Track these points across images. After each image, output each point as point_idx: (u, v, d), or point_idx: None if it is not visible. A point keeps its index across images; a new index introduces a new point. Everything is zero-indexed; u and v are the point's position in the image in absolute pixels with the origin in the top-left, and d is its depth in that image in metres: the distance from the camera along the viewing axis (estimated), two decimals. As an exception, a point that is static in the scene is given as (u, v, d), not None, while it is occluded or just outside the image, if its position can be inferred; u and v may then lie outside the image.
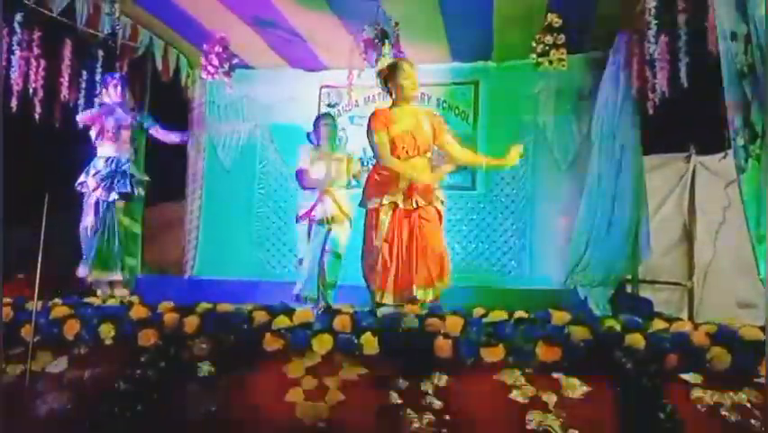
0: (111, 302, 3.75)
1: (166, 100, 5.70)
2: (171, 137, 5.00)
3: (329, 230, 4.80)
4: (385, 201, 3.82)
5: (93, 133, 4.79)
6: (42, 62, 4.98)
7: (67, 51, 5.17)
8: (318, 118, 5.23)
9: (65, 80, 5.14)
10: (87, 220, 4.53)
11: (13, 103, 4.77)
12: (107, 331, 3.25)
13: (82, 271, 4.48)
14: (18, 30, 4.71)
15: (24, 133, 4.47)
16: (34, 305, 3.04)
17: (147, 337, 3.18)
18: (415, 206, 3.83)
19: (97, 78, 5.34)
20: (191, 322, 3.21)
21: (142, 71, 6.03)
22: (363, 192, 3.97)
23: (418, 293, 3.71)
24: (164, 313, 3.32)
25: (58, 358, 3.18)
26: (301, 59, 6.54)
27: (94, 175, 4.55)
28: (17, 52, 4.75)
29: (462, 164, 4.76)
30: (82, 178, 4.60)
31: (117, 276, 4.46)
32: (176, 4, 5.39)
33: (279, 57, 6.52)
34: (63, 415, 2.92)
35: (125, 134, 4.81)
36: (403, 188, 3.82)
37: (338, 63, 6.05)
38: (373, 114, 3.99)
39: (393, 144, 3.85)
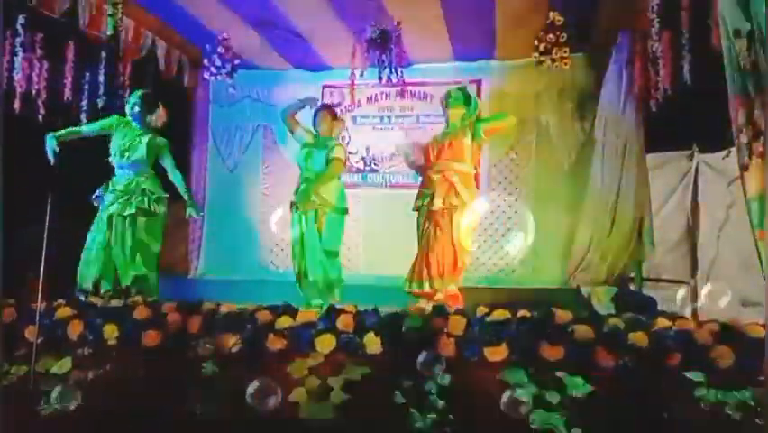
0: (114, 303, 3.75)
1: (169, 101, 5.69)
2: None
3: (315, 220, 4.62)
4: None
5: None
6: (45, 64, 4.99)
7: (69, 53, 5.18)
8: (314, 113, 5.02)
9: (68, 82, 5.15)
10: (98, 234, 4.54)
11: (16, 105, 4.78)
12: (111, 331, 3.26)
13: (86, 284, 4.44)
14: (21, 32, 4.72)
15: (27, 135, 4.48)
16: (38, 306, 3.05)
17: (151, 338, 3.19)
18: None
19: (100, 79, 5.35)
20: (194, 322, 3.22)
21: (145, 73, 6.04)
22: None
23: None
24: (168, 313, 3.32)
25: (61, 359, 3.18)
26: (303, 59, 6.55)
27: (112, 191, 4.55)
28: (20, 54, 4.76)
29: None
30: (99, 192, 4.62)
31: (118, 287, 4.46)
32: (178, 6, 5.40)
33: (282, 57, 6.53)
34: (67, 415, 2.92)
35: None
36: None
37: (340, 63, 6.05)
38: None
39: None
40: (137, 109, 4.69)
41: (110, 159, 4.66)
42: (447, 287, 4.45)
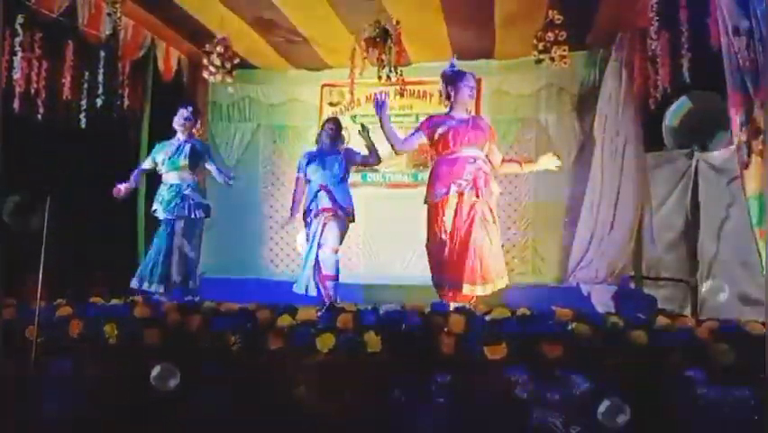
0: (115, 302, 3.76)
1: (168, 101, 5.69)
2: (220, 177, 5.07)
3: (324, 224, 4.69)
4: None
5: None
6: (44, 63, 4.99)
7: (68, 53, 5.18)
8: (325, 123, 5.05)
9: (66, 81, 5.15)
10: (154, 241, 4.78)
11: (15, 104, 4.78)
12: (111, 331, 3.25)
13: (134, 282, 4.69)
14: (19, 31, 4.72)
15: (26, 135, 4.48)
16: (38, 304, 3.05)
17: (151, 337, 3.19)
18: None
19: (99, 78, 5.35)
20: (195, 321, 3.22)
21: (144, 72, 6.04)
22: None
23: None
24: (168, 312, 3.32)
25: (62, 358, 3.18)
26: (303, 58, 6.55)
27: (160, 202, 4.71)
28: (19, 54, 4.76)
29: None
30: (154, 205, 4.81)
31: (160, 289, 4.61)
32: (177, 5, 5.40)
33: (281, 57, 6.53)
34: (67, 415, 2.92)
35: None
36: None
37: (340, 62, 6.05)
38: None
39: None
40: (186, 122, 4.82)
41: (158, 169, 4.81)
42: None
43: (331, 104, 6.81)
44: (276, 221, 6.81)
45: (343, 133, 5.09)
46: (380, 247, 6.43)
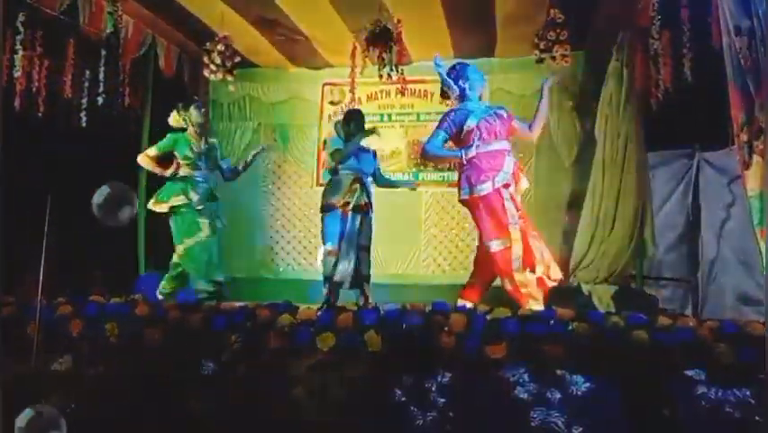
0: (115, 300, 3.76)
1: (168, 99, 5.69)
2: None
3: (361, 220, 4.69)
4: None
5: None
6: (45, 62, 4.99)
7: (69, 51, 5.18)
8: (350, 115, 4.92)
9: (67, 80, 5.15)
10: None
11: (16, 102, 4.78)
12: (112, 329, 3.25)
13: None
14: (20, 29, 4.72)
15: (27, 132, 4.48)
16: (38, 303, 3.05)
17: (151, 335, 3.19)
18: None
19: (100, 76, 5.35)
20: (195, 320, 3.22)
21: (145, 70, 6.04)
22: None
23: None
24: (168, 311, 3.32)
25: (63, 356, 3.18)
26: (303, 56, 6.55)
27: (197, 193, 4.72)
28: (20, 52, 4.76)
29: None
30: (179, 198, 4.74)
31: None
32: (178, 3, 5.40)
33: (282, 55, 6.53)
34: (67, 414, 2.92)
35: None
36: None
37: (340, 61, 6.05)
38: None
39: None
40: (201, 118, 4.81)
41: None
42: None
43: (332, 102, 6.81)
44: (277, 220, 6.82)
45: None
46: (381, 247, 6.42)
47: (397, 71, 5.40)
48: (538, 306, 3.71)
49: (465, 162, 4.08)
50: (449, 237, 6.44)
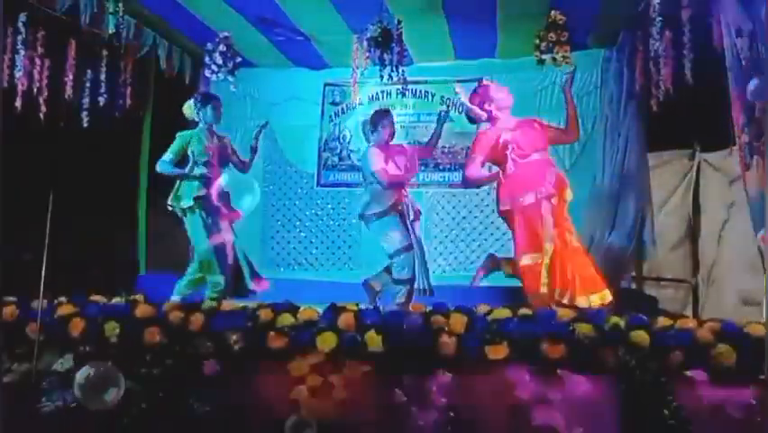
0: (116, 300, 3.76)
1: (170, 99, 5.69)
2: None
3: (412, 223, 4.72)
4: None
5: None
6: (46, 62, 4.99)
7: (71, 51, 5.18)
8: (378, 117, 4.91)
9: (69, 80, 5.15)
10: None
11: (17, 103, 4.78)
12: (112, 329, 3.25)
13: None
14: (22, 30, 4.72)
15: (28, 133, 4.48)
16: (39, 303, 3.05)
17: (152, 336, 3.18)
18: None
19: (102, 77, 5.35)
20: (196, 320, 3.22)
21: (146, 70, 6.04)
22: None
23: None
24: (169, 311, 3.32)
25: (63, 356, 3.18)
26: (305, 57, 6.55)
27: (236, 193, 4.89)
28: (21, 52, 4.76)
29: None
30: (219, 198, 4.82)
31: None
32: (180, 4, 5.40)
33: (283, 55, 6.53)
34: (68, 413, 2.92)
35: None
36: None
37: (342, 61, 6.05)
38: None
39: None
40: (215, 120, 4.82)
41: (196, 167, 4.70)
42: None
43: (333, 103, 6.82)
44: (277, 220, 6.82)
45: (345, 132, 5.06)
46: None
47: (398, 72, 5.39)
48: None
49: (503, 179, 4.12)
50: (449, 237, 6.44)
